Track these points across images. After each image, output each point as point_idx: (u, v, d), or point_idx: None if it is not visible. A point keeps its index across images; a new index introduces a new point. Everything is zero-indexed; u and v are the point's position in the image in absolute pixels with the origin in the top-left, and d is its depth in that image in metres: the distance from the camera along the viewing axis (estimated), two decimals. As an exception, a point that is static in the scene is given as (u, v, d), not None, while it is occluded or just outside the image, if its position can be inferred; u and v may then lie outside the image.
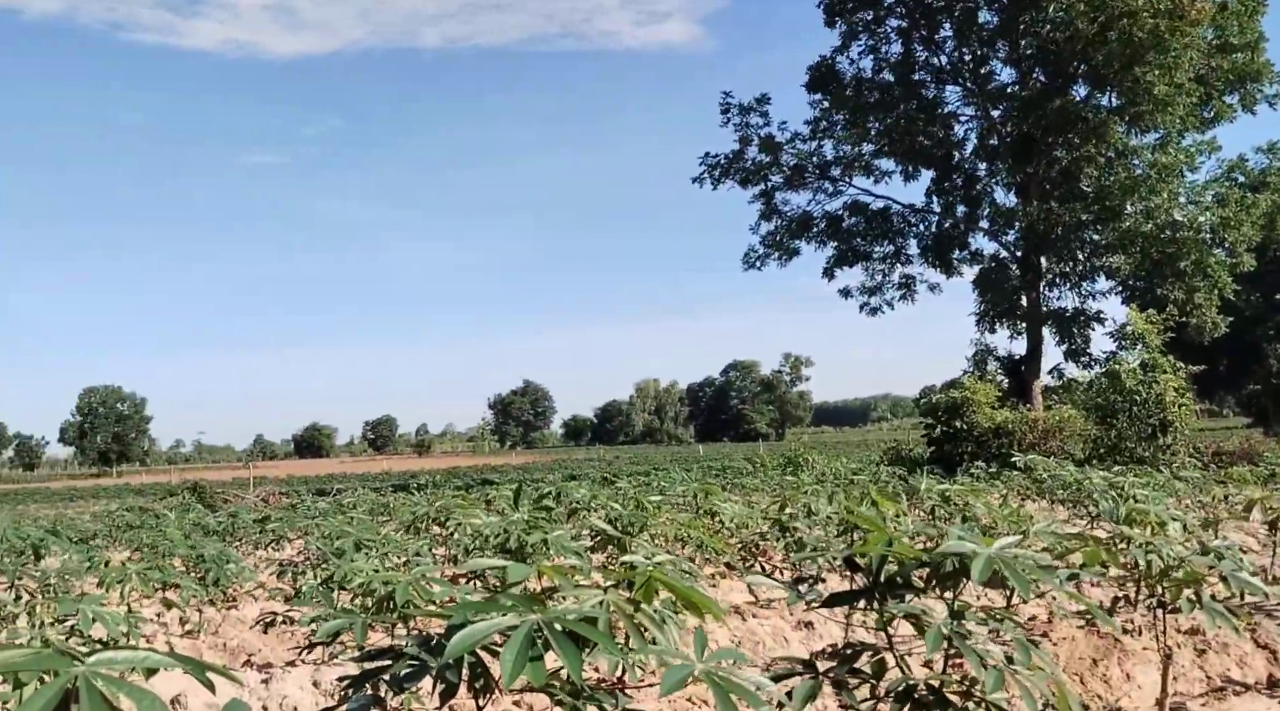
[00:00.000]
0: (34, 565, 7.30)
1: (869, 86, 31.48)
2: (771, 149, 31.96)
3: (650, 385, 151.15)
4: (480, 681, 2.71)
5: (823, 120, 32.31)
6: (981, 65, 30.89)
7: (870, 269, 33.36)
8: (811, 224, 33.05)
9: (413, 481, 37.96)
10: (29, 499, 47.44)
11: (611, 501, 9.23)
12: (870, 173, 32.79)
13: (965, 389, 24.70)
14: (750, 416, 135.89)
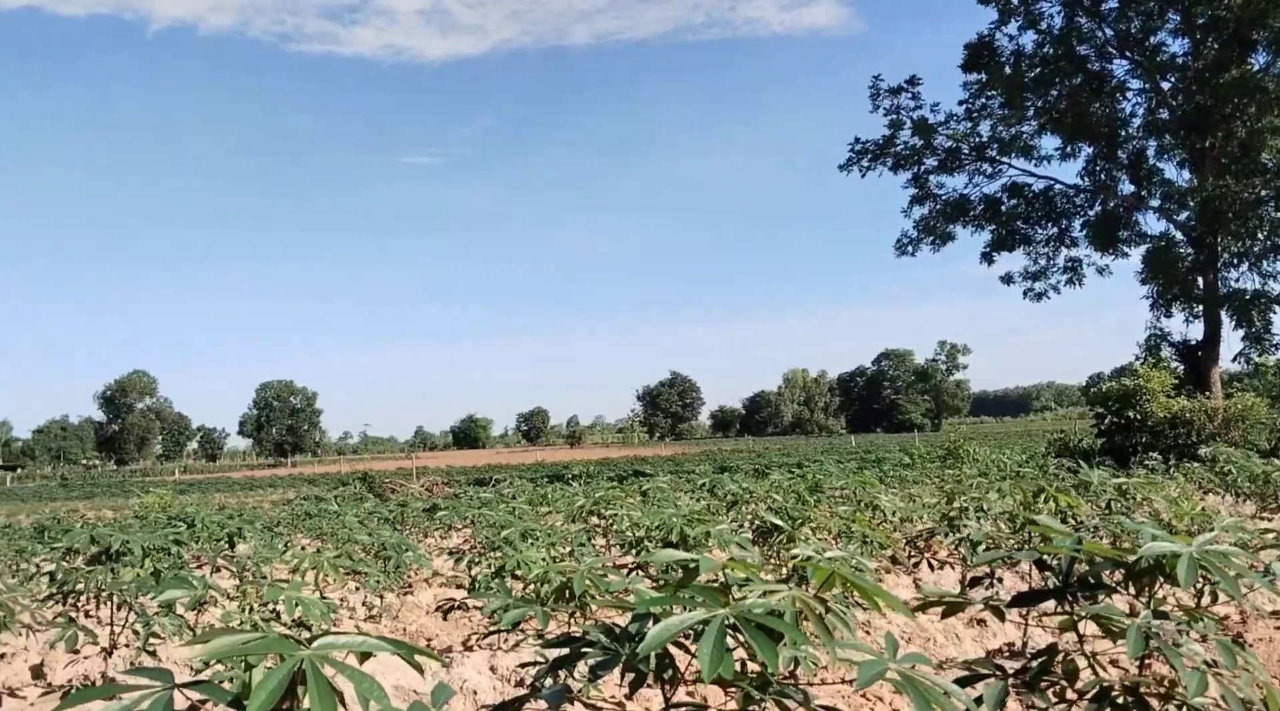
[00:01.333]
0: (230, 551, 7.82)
1: (1028, 62, 30.26)
2: (924, 132, 31.11)
3: (799, 375, 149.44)
4: (668, 672, 2.77)
5: (979, 99, 31.27)
6: (1150, 36, 29.23)
7: (1032, 252, 32.14)
8: (968, 207, 32.07)
9: (566, 472, 38.69)
10: (212, 488, 50.55)
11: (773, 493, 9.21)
12: (1029, 153, 31.51)
13: (1138, 376, 23.51)
14: (904, 406, 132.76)
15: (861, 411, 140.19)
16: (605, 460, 60.89)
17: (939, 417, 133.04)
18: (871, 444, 68.00)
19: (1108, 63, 30.25)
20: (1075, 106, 29.08)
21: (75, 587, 5.77)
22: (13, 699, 5.56)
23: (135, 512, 23.98)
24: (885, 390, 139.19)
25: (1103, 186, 31.09)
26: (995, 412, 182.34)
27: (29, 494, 56.81)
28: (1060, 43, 29.75)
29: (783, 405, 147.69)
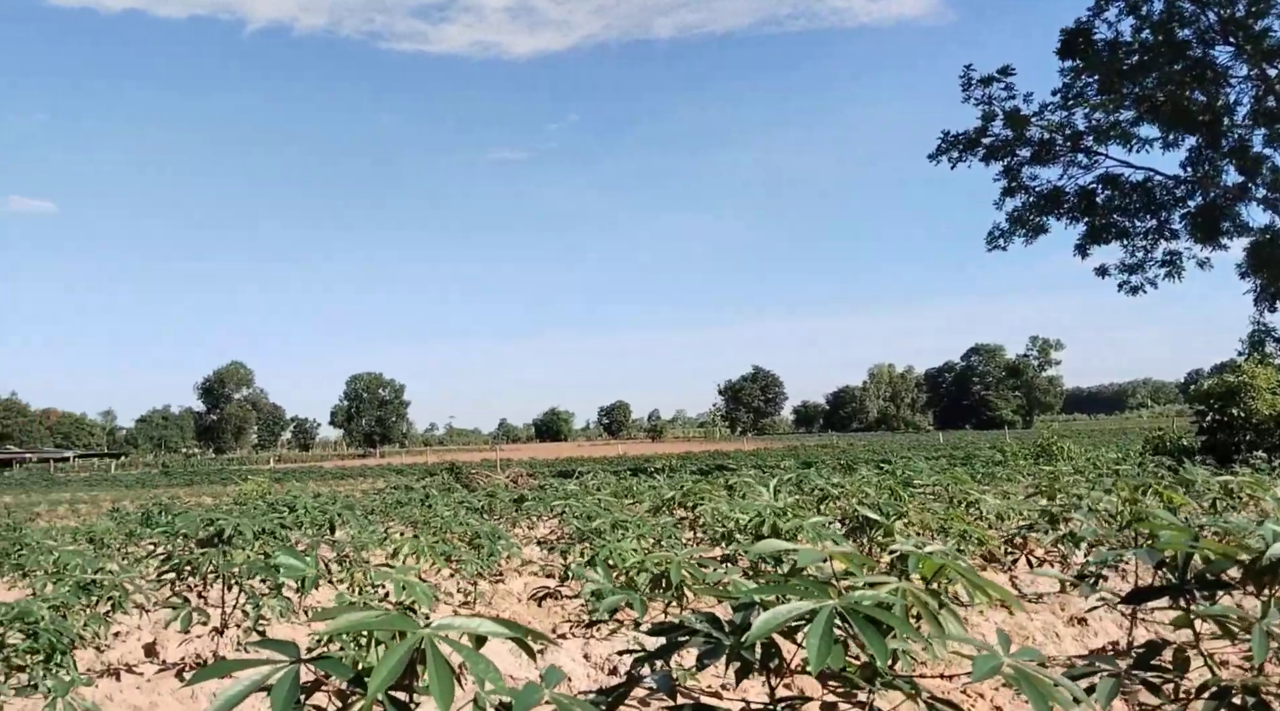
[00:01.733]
0: (330, 536, 8.06)
1: (1126, 49, 29.33)
2: (1017, 123, 30.38)
3: (885, 370, 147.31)
4: (774, 662, 2.78)
5: (1075, 87, 30.41)
6: (1256, 20, 28.06)
7: (1129, 245, 31.17)
8: (1062, 199, 31.23)
9: (648, 465, 38.81)
10: (306, 476, 51.92)
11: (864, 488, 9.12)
12: (1128, 140, 30.53)
13: (1242, 373, 22.65)
14: (994, 403, 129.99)
15: (950, 407, 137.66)
16: (687, 454, 60.86)
17: (1030, 415, 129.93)
18: (960, 440, 66.74)
19: (1210, 49, 29.14)
20: (1175, 94, 28.10)
21: (189, 569, 6.00)
22: (130, 675, 5.81)
23: (234, 499, 24.77)
24: (975, 386, 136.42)
25: (1205, 177, 29.99)
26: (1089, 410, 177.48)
27: (133, 481, 59.05)
28: (1160, 28, 28.77)
29: (868, 401, 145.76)
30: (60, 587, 5.81)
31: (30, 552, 8.86)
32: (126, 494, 39.88)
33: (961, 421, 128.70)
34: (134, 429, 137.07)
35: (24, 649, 3.65)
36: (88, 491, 45.20)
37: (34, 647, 3.67)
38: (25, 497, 40.59)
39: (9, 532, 12.23)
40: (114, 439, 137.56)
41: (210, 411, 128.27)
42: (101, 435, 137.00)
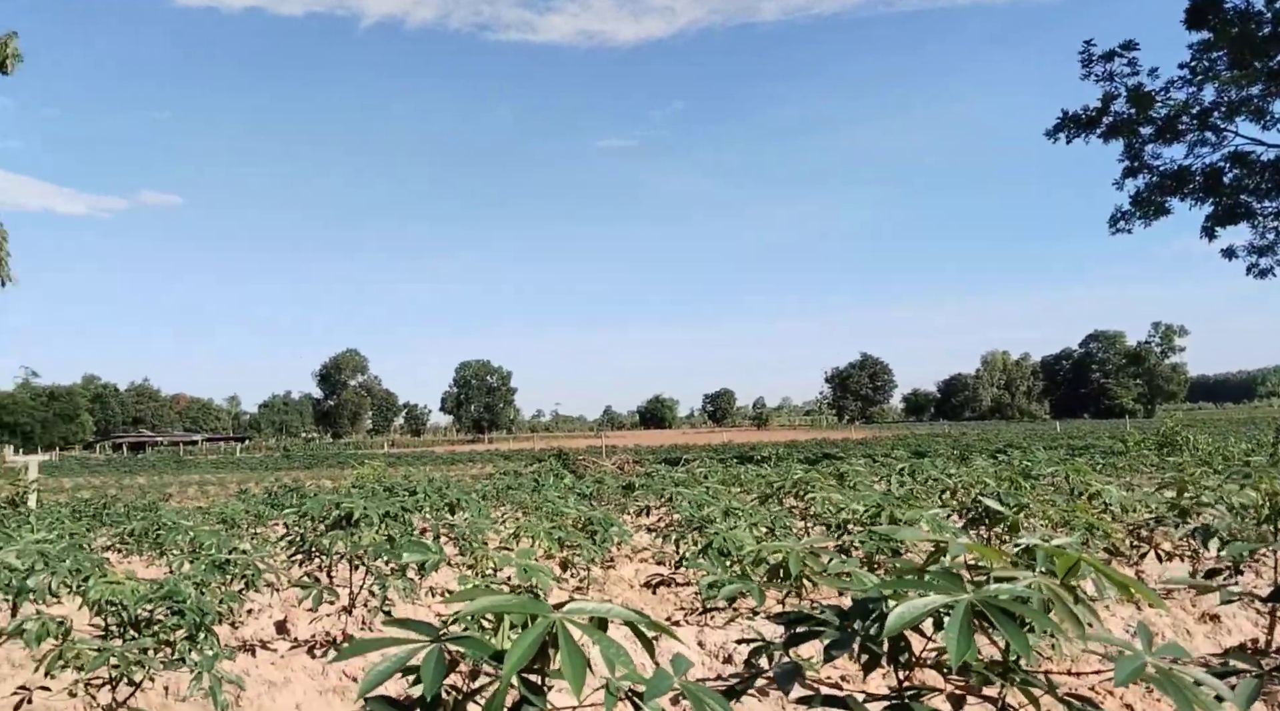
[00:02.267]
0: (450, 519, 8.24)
1: (1258, 20, 27.82)
2: (1141, 102, 29.12)
3: (999, 357, 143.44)
4: (903, 655, 2.74)
5: (1203, 61, 29.00)
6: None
7: (1259, 226, 29.65)
8: (1187, 179, 29.87)
9: (754, 453, 38.62)
10: (417, 461, 53.22)
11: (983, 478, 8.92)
12: (1260, 118, 29.00)
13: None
14: (1114, 391, 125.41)
15: (1066, 396, 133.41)
16: (793, 442, 60.35)
17: (1152, 403, 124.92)
18: (1077, 430, 64.58)
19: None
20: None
21: (318, 549, 6.22)
22: (264, 651, 6.06)
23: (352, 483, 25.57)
24: (1093, 374, 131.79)
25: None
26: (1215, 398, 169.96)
27: (256, 463, 61.48)
28: (1297, -4, 27.24)
29: (980, 388, 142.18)
30: (197, 566, 6.09)
31: (167, 532, 9.30)
32: (251, 476, 41.54)
33: (1079, 410, 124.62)
34: (257, 414, 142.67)
35: (171, 625, 3.85)
36: (215, 473, 47.26)
37: (180, 624, 3.86)
38: (158, 478, 42.68)
39: (147, 513, 12.87)
40: (238, 423, 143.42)
41: (328, 397, 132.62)
42: (227, 419, 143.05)
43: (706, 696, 2.29)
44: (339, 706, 5.15)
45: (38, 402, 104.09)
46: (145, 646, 3.65)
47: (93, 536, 11.54)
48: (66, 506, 17.99)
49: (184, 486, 34.47)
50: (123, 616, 3.85)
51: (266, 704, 5.07)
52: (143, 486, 34.68)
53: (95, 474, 50.66)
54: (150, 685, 5.04)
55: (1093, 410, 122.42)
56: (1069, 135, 30.49)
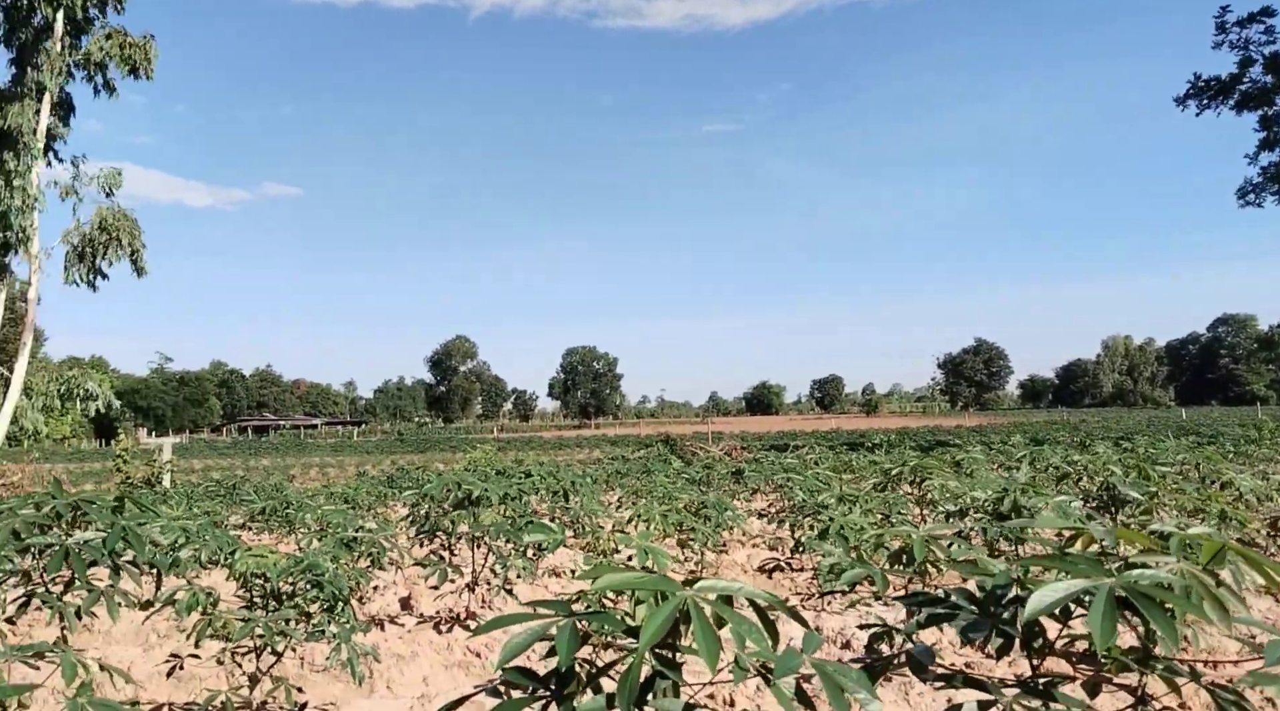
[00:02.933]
0: (565, 502, 8.40)
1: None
2: (1278, 69, 27.64)
3: (1121, 342, 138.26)
4: (1038, 641, 2.69)
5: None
6: None
7: None
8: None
9: (864, 440, 38.09)
10: (526, 446, 54.05)
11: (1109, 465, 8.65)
12: None
13: None
14: (1244, 377, 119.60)
15: (1193, 382, 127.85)
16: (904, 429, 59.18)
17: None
18: (1205, 417, 61.80)
19: None
20: None
21: (440, 529, 6.40)
22: (392, 625, 6.28)
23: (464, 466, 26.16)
24: (1222, 359, 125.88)
25: None
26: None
27: (371, 447, 63.35)
28: None
29: (1101, 374, 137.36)
30: (326, 543, 6.33)
31: (296, 510, 9.69)
32: (367, 459, 42.85)
33: (1206, 397, 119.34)
34: (372, 399, 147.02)
35: (311, 597, 4.03)
36: (333, 456, 48.89)
37: (319, 597, 4.03)
38: (280, 460, 44.37)
39: (274, 493, 13.41)
40: (355, 407, 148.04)
41: (439, 383, 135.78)
42: (344, 404, 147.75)
43: (840, 673, 2.28)
44: (463, 680, 5.30)
45: (169, 387, 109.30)
46: (288, 617, 3.83)
47: (226, 514, 12.11)
48: (199, 486, 18.87)
49: (305, 468, 35.76)
50: (265, 588, 4.04)
51: (395, 676, 5.25)
52: (267, 468, 36.13)
53: (223, 456, 52.95)
54: (288, 656, 5.27)
55: (1221, 397, 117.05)
56: (1200, 104, 29.11)
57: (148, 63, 21.80)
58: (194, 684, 4.94)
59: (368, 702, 4.48)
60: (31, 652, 2.74)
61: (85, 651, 5.38)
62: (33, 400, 23.26)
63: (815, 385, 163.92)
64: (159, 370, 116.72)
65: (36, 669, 3.83)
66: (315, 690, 4.98)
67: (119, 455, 21.84)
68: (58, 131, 21.99)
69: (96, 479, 28.60)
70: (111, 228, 22.43)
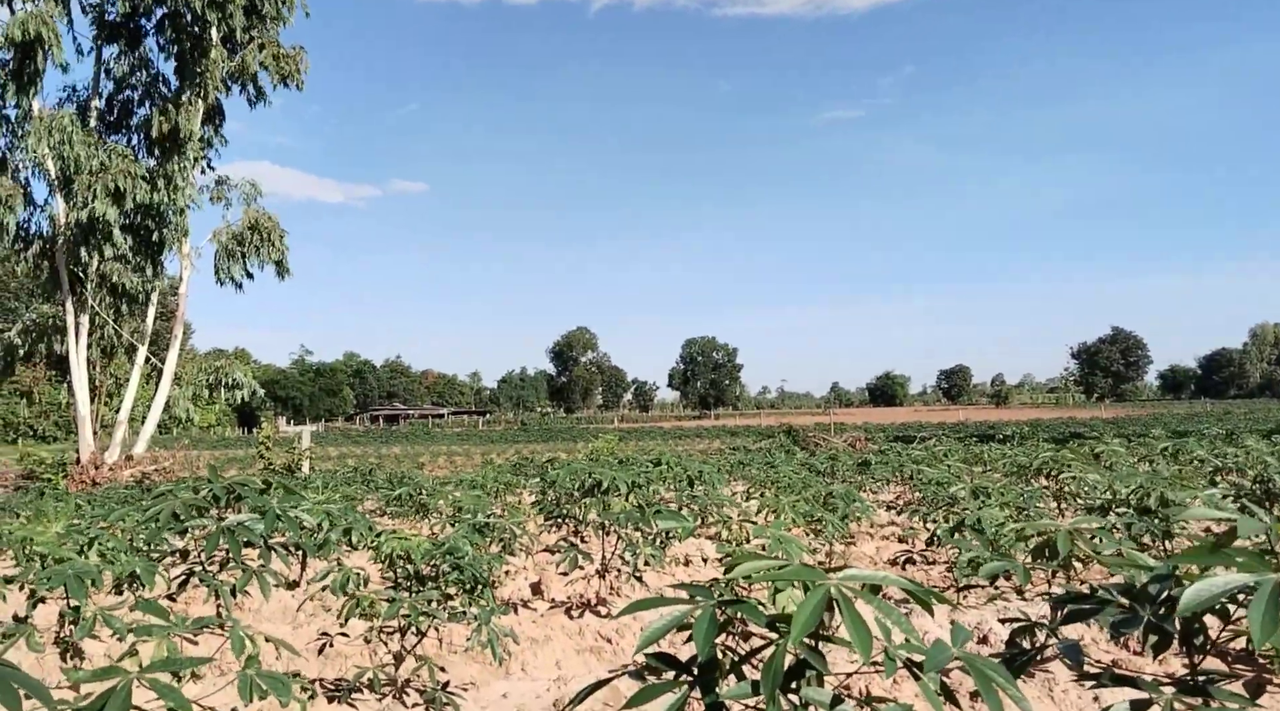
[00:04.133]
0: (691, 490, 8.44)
1: None
2: None
3: (1270, 330, 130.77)
4: (1197, 637, 2.59)
5: None
6: None
7: None
8: None
9: (994, 432, 37.02)
10: (647, 436, 54.37)
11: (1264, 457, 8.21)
12: None
13: None
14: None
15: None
16: (1036, 421, 57.34)
17: None
18: (1365, 409, 58.02)
19: None
20: None
21: (570, 516, 6.51)
22: (525, 610, 6.42)
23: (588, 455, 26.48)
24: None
25: None
26: None
27: (496, 436, 64.74)
28: None
29: (1248, 364, 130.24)
30: (460, 528, 6.51)
31: (430, 497, 9.99)
32: (492, 448, 43.81)
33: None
34: (496, 389, 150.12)
35: (453, 579, 4.15)
36: (460, 444, 50.16)
37: (460, 579, 4.16)
38: (410, 449, 45.76)
39: (408, 480, 13.85)
40: (480, 397, 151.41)
41: (560, 373, 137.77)
42: (469, 394, 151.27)
43: (989, 668, 2.24)
44: (595, 664, 5.38)
45: (305, 378, 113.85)
46: (431, 598, 3.96)
47: (361, 499, 12.57)
48: (336, 473, 19.63)
49: (434, 456, 36.79)
50: (409, 571, 4.19)
51: (530, 659, 5.38)
52: (398, 455, 37.32)
53: (356, 444, 54.92)
54: (429, 636, 5.45)
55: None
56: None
57: (298, 74, 22.80)
58: (341, 661, 5.15)
59: (505, 683, 4.60)
60: (201, 627, 2.91)
61: (273, 636, 5.67)
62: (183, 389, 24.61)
63: (942, 375, 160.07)
64: (299, 361, 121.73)
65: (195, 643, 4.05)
66: (454, 669, 5.13)
67: (262, 442, 22.87)
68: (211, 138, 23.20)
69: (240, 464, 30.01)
70: (262, 228, 23.57)
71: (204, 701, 3.20)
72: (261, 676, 2.42)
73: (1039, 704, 4.01)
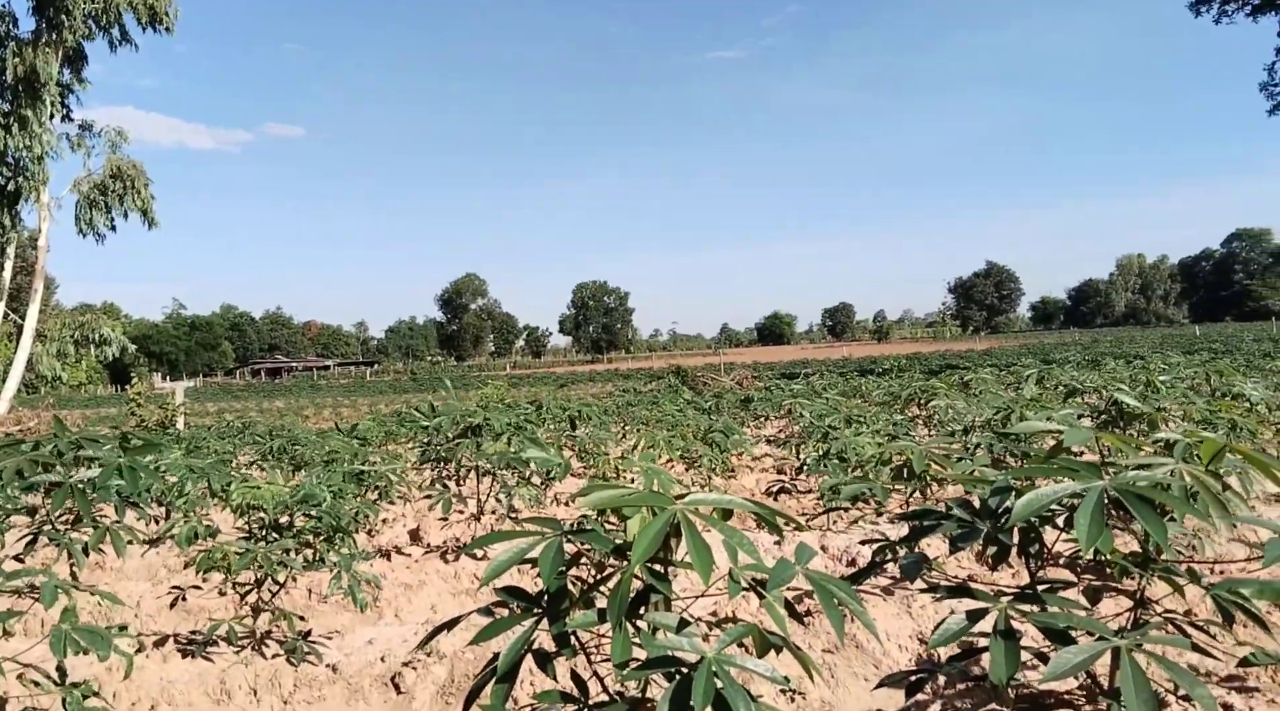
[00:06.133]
0: (572, 432, 8.41)
1: None
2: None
3: (1134, 261, 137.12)
4: (1034, 547, 2.67)
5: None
6: None
7: None
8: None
9: (875, 366, 38.05)
10: (538, 382, 54.25)
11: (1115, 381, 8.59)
12: None
13: None
14: (1259, 292, 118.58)
15: (1207, 299, 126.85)
16: (915, 354, 59.08)
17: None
18: (1219, 334, 61.48)
19: None
20: None
21: (444, 457, 6.41)
22: (399, 556, 6.32)
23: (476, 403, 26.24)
24: (1236, 275, 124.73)
25: None
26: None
27: (385, 387, 63.66)
28: None
29: (1114, 294, 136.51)
30: (333, 476, 6.35)
31: (305, 447, 9.73)
32: (380, 399, 43.12)
33: (1221, 314, 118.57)
34: (384, 339, 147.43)
35: (310, 528, 4.03)
36: (347, 396, 49.21)
37: (318, 527, 4.04)
38: (294, 402, 44.66)
39: (284, 432, 13.48)
40: (367, 348, 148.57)
41: (450, 321, 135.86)
42: (356, 345, 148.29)
43: (831, 583, 2.26)
44: (470, 605, 5.33)
45: (180, 332, 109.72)
46: (287, 547, 3.84)
47: (237, 454, 12.19)
48: (211, 429, 19.00)
49: (319, 409, 35.99)
50: (264, 520, 4.05)
51: (404, 605, 5.30)
52: (280, 410, 36.37)
53: (236, 399, 53.34)
54: (295, 586, 5.31)
55: (1236, 313, 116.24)
56: (1220, 8, 28.29)
57: (167, 15, 21.52)
58: (202, 616, 4.99)
59: (373, 630, 4.52)
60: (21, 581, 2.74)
61: (96, 587, 5.43)
62: (46, 346, 23.42)
63: (826, 314, 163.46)
64: (173, 315, 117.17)
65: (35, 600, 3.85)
66: (323, 619, 5.03)
67: (132, 399, 22.00)
68: (71, 83, 21.85)
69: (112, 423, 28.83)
70: (125, 176, 22.39)
71: (21, 657, 3.03)
72: (78, 630, 2.29)
73: (897, 619, 4.13)
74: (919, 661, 3.95)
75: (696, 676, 1.94)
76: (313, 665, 3.99)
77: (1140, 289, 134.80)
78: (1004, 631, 2.25)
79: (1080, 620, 2.23)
